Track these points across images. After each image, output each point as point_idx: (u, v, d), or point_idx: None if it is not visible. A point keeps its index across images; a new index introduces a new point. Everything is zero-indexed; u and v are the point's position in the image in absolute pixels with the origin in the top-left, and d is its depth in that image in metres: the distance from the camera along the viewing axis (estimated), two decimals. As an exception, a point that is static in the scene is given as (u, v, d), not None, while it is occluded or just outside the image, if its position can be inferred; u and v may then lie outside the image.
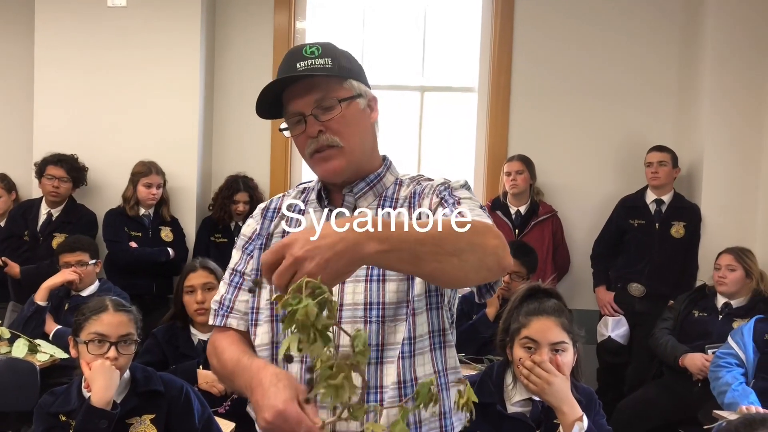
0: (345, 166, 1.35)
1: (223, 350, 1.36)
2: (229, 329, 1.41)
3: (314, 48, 1.36)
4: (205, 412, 2.13)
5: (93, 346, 1.99)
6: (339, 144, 1.34)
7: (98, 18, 4.32)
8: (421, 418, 1.32)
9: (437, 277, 1.14)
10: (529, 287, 2.06)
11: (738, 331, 3.09)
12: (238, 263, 1.45)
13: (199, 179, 4.39)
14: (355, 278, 1.30)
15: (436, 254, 1.10)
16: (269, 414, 1.10)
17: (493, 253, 1.17)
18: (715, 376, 3.00)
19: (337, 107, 1.34)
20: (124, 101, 4.33)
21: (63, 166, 4.06)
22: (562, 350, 1.89)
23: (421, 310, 1.31)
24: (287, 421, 1.09)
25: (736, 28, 3.99)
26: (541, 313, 1.93)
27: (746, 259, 3.49)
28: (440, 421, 1.34)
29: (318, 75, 1.33)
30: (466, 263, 1.14)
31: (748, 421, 1.15)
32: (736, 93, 4.01)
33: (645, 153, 4.09)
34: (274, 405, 1.11)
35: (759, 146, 4.00)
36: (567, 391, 1.82)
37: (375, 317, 1.28)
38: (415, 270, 1.13)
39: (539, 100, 4.39)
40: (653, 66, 4.34)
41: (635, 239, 4.01)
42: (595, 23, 4.34)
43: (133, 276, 3.94)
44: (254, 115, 1.41)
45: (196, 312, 2.76)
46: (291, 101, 1.36)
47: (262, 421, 1.12)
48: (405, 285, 1.30)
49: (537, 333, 1.90)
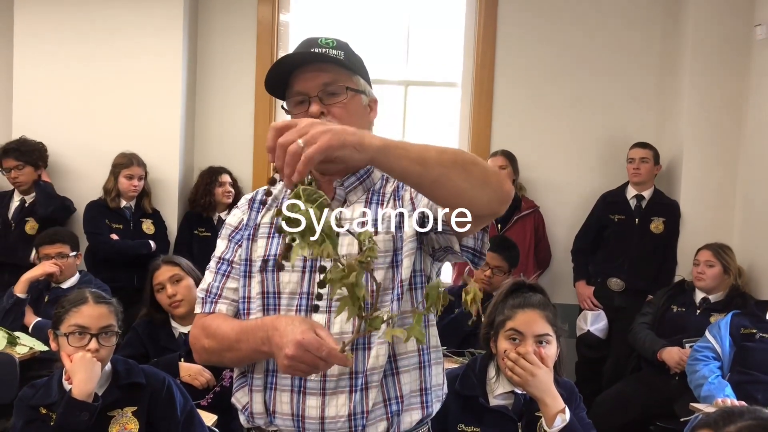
0: None
1: (218, 326, 1.37)
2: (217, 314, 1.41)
3: (330, 40, 1.41)
4: (188, 405, 2.12)
5: (74, 338, 1.98)
6: None
7: (80, 7, 4.27)
8: (403, 393, 1.35)
9: (443, 183, 1.14)
10: (514, 282, 2.09)
11: (715, 325, 3.14)
12: (225, 252, 1.45)
13: (181, 171, 4.36)
14: None
15: (441, 161, 1.12)
16: (290, 348, 1.14)
17: (495, 174, 1.21)
18: (692, 369, 3.05)
19: (343, 94, 1.38)
20: (105, 92, 4.29)
21: (11, 155, 3.99)
22: (547, 342, 1.92)
23: (406, 290, 1.33)
24: (308, 349, 1.13)
25: (716, 27, 4.03)
26: (526, 306, 1.95)
27: (725, 255, 3.55)
28: (421, 397, 1.38)
29: (331, 60, 1.37)
30: (472, 175, 1.15)
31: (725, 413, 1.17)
32: (715, 92, 4.06)
33: (626, 149, 4.13)
34: (293, 338, 1.14)
35: (737, 144, 4.05)
36: (550, 383, 1.84)
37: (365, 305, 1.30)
38: (420, 170, 1.11)
39: (522, 96, 4.41)
40: (634, 64, 4.38)
41: (615, 234, 4.05)
42: (578, 20, 4.37)
43: (114, 268, 3.91)
44: (238, 107, 1.43)
45: (171, 306, 2.76)
46: (299, 81, 1.38)
47: (285, 359, 1.15)
48: (391, 273, 1.32)
49: (522, 325, 1.92)
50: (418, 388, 1.38)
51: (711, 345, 3.07)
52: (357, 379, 1.30)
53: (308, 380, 1.31)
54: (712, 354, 3.05)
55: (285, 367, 1.16)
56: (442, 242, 1.33)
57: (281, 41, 4.55)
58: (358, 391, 1.30)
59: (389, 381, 1.33)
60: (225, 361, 1.42)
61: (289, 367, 1.15)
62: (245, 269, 1.40)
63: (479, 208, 1.20)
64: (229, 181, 4.26)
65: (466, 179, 1.15)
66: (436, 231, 1.31)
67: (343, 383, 1.30)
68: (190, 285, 2.77)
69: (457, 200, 1.18)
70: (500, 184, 1.20)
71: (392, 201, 1.39)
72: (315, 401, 1.30)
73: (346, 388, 1.30)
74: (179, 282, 2.77)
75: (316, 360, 1.14)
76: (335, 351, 1.12)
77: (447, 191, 1.16)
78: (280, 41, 4.54)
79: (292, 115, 1.40)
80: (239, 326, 1.33)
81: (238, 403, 1.42)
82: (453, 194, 1.16)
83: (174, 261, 2.87)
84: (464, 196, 1.16)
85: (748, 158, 3.96)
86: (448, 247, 1.33)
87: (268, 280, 1.37)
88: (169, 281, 2.77)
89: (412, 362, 1.38)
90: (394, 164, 1.10)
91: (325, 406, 1.30)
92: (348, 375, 1.30)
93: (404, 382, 1.35)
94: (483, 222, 1.27)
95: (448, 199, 1.18)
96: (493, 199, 1.20)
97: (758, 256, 3.75)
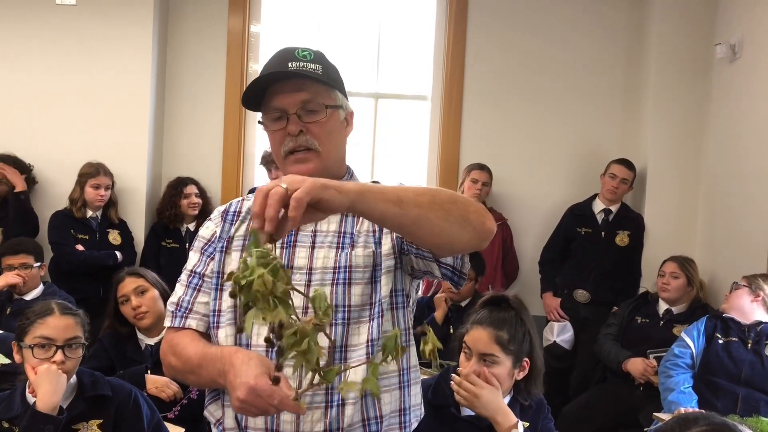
0: (318, 171, 1.35)
1: (184, 346, 1.35)
2: (187, 329, 1.40)
3: (306, 52, 1.39)
4: (155, 417, 2.10)
5: (39, 350, 1.95)
6: (317, 148, 1.36)
7: (47, 16, 4.22)
8: (382, 414, 1.34)
9: (422, 224, 1.13)
10: (492, 296, 2.08)
11: (693, 327, 3.19)
12: (196, 265, 1.43)
13: (149, 181, 4.32)
14: (321, 282, 1.32)
15: (418, 203, 1.12)
16: (242, 392, 1.12)
17: (476, 212, 1.19)
18: (667, 373, 3.09)
19: (322, 112, 1.37)
20: (72, 101, 4.24)
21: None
22: (492, 362, 1.90)
23: (387, 309, 1.33)
24: (260, 395, 1.11)
25: (678, 46, 4.15)
26: (481, 322, 1.94)
27: (689, 267, 3.63)
28: (400, 417, 1.38)
29: (310, 77, 1.36)
30: (450, 214, 1.15)
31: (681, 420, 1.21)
32: (678, 109, 4.17)
33: (593, 163, 4.21)
34: (246, 382, 1.12)
35: (699, 160, 4.16)
36: (498, 401, 1.84)
37: (340, 319, 1.31)
38: (399, 211, 1.10)
39: (491, 109, 4.47)
40: (601, 80, 4.47)
41: (582, 247, 4.11)
42: (546, 37, 4.45)
43: (80, 279, 3.85)
44: (207, 118, 1.44)
45: (135, 318, 2.73)
46: (276, 97, 1.37)
47: (236, 401, 1.14)
48: (370, 288, 1.32)
49: (471, 341, 1.94)
50: (398, 408, 1.37)
51: (690, 351, 3.12)
52: (333, 394, 1.29)
53: None
54: (689, 361, 3.11)
55: (236, 407, 1.16)
56: (422, 267, 1.34)
57: (252, 52, 4.55)
58: (334, 407, 1.29)
59: (369, 400, 1.32)
60: (189, 382, 1.41)
61: (240, 408, 1.15)
62: (217, 282, 1.39)
63: (460, 246, 1.20)
64: (195, 192, 4.21)
65: (446, 218, 1.14)
66: (415, 254, 1.31)
67: (319, 398, 1.29)
68: (155, 296, 2.74)
69: (437, 240, 1.18)
70: (481, 223, 1.20)
71: None
72: (290, 416, 1.29)
73: (321, 404, 1.29)
74: (144, 293, 2.74)
75: (267, 406, 1.11)
76: (287, 399, 1.09)
77: (427, 231, 1.15)
78: (250, 52, 4.54)
79: (269, 131, 1.39)
80: (202, 352, 1.31)
81: (211, 417, 1.41)
82: (433, 234, 1.16)
83: (138, 272, 2.84)
84: (443, 235, 1.16)
85: (710, 174, 4.07)
86: (428, 272, 1.33)
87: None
88: (134, 293, 2.73)
89: (393, 382, 1.37)
90: (373, 207, 1.08)
91: (300, 421, 1.28)
92: (324, 390, 1.29)
93: (384, 402, 1.34)
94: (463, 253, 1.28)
95: (429, 238, 1.18)
96: (474, 237, 1.20)
97: (718, 269, 3.84)
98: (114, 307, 2.78)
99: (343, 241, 1.35)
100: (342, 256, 1.33)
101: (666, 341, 3.34)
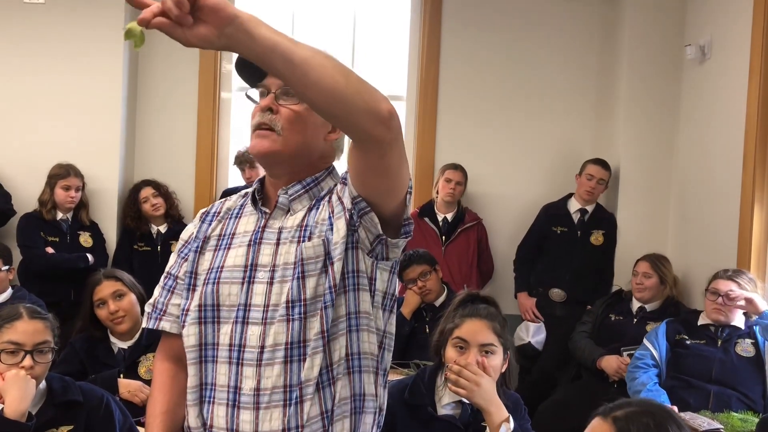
0: (272, 152, 1.35)
1: (153, 390, 1.49)
2: (166, 340, 1.46)
3: None
4: (127, 422, 2.08)
5: (6, 356, 1.91)
6: (279, 130, 1.34)
7: (14, 14, 4.15)
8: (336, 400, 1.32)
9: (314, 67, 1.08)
10: (468, 293, 2.13)
11: (653, 332, 3.24)
12: (172, 267, 1.46)
13: (120, 183, 4.26)
14: (282, 279, 1.31)
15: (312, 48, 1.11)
16: None
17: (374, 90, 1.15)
18: (632, 376, 3.13)
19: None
20: (40, 101, 4.17)
21: None
22: (491, 353, 1.94)
23: (340, 293, 1.31)
24: None
25: (649, 47, 4.19)
26: (473, 315, 1.98)
27: (661, 266, 3.66)
28: (351, 404, 1.35)
29: None
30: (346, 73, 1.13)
31: (618, 403, 1.27)
32: (650, 110, 4.21)
33: (566, 162, 4.24)
34: None
35: (670, 159, 4.21)
36: (494, 393, 1.86)
37: (297, 314, 1.30)
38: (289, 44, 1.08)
39: (466, 110, 4.48)
40: (574, 80, 4.50)
41: (557, 246, 4.13)
42: (520, 37, 4.46)
43: (50, 282, 3.78)
44: (180, 119, 1.45)
45: (112, 322, 2.67)
46: (268, 77, 1.37)
47: None
48: (324, 278, 1.31)
49: (468, 333, 1.95)
50: (349, 395, 1.35)
51: (650, 352, 3.16)
52: (291, 392, 1.29)
53: (242, 394, 1.30)
54: (652, 361, 3.14)
55: None
56: (372, 229, 1.30)
57: (225, 51, 4.51)
58: (293, 404, 1.28)
59: (326, 392, 1.31)
60: None
61: None
62: (189, 282, 1.41)
63: (357, 116, 1.13)
64: (152, 193, 4.13)
65: (341, 72, 1.11)
66: (360, 215, 1.29)
67: (277, 397, 1.29)
68: (132, 301, 2.69)
69: (330, 97, 1.11)
70: (376, 99, 1.14)
71: (325, 205, 1.37)
72: (249, 416, 1.29)
73: (280, 402, 1.29)
74: (122, 297, 2.67)
75: None
76: None
77: (319, 80, 1.09)
78: (224, 51, 4.49)
79: (255, 105, 1.40)
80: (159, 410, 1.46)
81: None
82: (327, 89, 1.10)
83: (116, 275, 2.77)
84: (337, 93, 1.10)
85: (681, 173, 4.12)
86: (379, 235, 1.30)
87: (207, 293, 1.36)
88: (111, 297, 2.67)
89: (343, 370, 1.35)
90: (261, 32, 1.05)
91: (259, 420, 1.29)
92: (282, 388, 1.29)
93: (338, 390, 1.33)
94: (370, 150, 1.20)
95: (323, 94, 1.11)
96: (371, 110, 1.13)
97: (690, 266, 3.90)
98: (89, 311, 2.73)
99: (304, 234, 1.34)
100: (299, 251, 1.32)
101: (640, 338, 3.37)
